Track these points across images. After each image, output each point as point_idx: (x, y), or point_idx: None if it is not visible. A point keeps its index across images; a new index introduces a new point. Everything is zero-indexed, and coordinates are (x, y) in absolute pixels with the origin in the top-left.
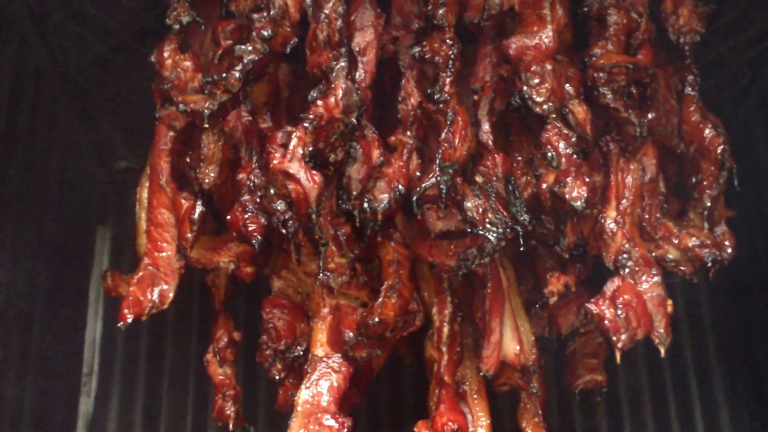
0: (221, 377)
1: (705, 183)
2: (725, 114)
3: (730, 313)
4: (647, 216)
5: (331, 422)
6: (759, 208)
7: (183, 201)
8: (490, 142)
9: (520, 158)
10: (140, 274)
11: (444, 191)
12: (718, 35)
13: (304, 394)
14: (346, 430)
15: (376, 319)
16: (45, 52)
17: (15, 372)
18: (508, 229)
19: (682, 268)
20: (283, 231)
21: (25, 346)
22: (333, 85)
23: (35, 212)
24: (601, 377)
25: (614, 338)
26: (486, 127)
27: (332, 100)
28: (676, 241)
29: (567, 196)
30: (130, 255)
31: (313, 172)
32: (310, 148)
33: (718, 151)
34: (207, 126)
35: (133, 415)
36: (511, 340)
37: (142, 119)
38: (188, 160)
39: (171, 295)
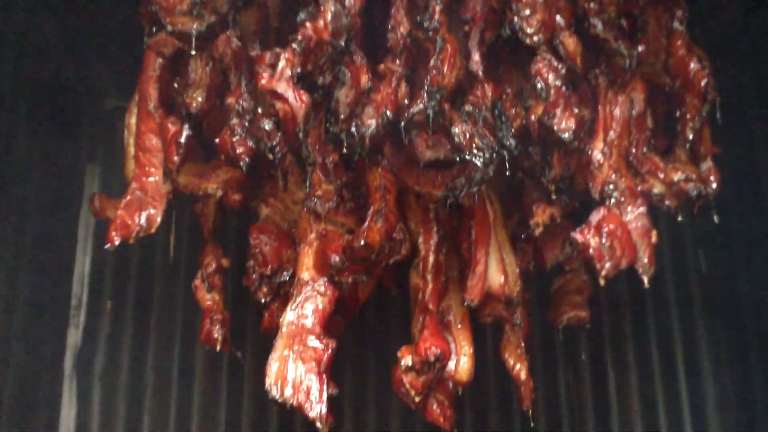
0: (209, 302)
1: (688, 116)
2: (714, 64)
3: (715, 255)
4: (634, 150)
5: (316, 343)
6: (747, 156)
7: (170, 125)
8: (480, 72)
9: (509, 90)
10: (128, 198)
11: (432, 116)
12: None
13: (289, 316)
14: (330, 351)
15: (362, 243)
16: None
17: (3, 305)
18: (494, 154)
19: (667, 202)
20: (271, 157)
21: (14, 279)
22: (322, 8)
23: (23, 150)
24: (584, 313)
25: (598, 266)
26: (476, 57)
27: (321, 22)
28: (661, 176)
29: (555, 128)
30: (120, 193)
31: (301, 91)
32: (299, 70)
33: (702, 84)
34: (195, 52)
35: (121, 347)
36: (496, 272)
37: (132, 57)
38: (176, 86)
39: (158, 219)
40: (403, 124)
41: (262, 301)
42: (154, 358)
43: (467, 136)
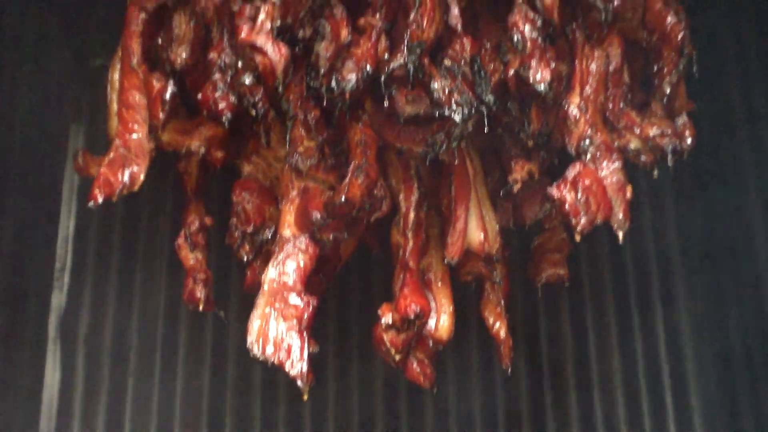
0: (192, 262)
1: (665, 70)
2: (692, 19)
3: (694, 212)
4: (611, 105)
5: (297, 300)
6: (723, 115)
7: (155, 82)
8: (459, 27)
9: (489, 44)
10: (111, 155)
11: (411, 71)
12: None
13: (270, 273)
14: (311, 308)
15: (343, 199)
16: None
17: None
18: (473, 110)
19: (642, 157)
20: (253, 112)
21: None
22: None
23: (7, 110)
24: (563, 271)
25: (574, 222)
26: (455, 11)
27: None
28: (637, 131)
29: (531, 79)
30: (107, 141)
31: (281, 44)
32: (278, 23)
33: (679, 38)
34: (177, 6)
35: (105, 309)
36: (476, 229)
37: (117, 15)
38: (160, 41)
39: (142, 177)
40: (383, 78)
41: (245, 259)
42: (138, 321)
43: (446, 91)
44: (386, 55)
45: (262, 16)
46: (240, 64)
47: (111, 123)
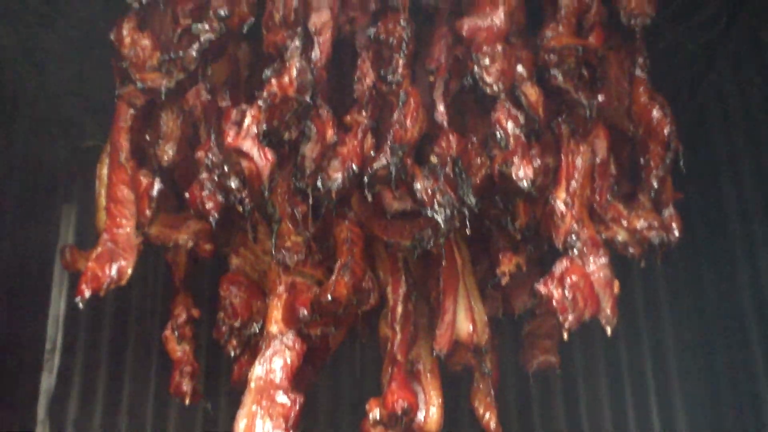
0: (179, 354)
1: (652, 164)
2: (681, 98)
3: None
4: (598, 197)
5: (283, 398)
6: (712, 190)
7: (142, 178)
8: (445, 123)
9: (475, 139)
10: (99, 249)
11: (394, 173)
12: (672, 19)
13: (257, 371)
14: (297, 406)
15: (329, 297)
16: (10, 31)
17: None
18: (455, 211)
19: (630, 250)
20: (240, 209)
21: None
22: (287, 64)
23: (0, 191)
24: (554, 358)
25: (561, 318)
26: (441, 107)
27: (286, 78)
28: (625, 223)
29: (513, 176)
30: (96, 234)
31: (266, 149)
32: (264, 127)
33: (665, 132)
34: (166, 104)
35: (95, 392)
36: (464, 320)
37: (107, 97)
38: (148, 137)
39: (129, 271)
40: (366, 179)
41: (232, 354)
42: (127, 404)
43: (429, 192)
44: (372, 152)
45: (248, 121)
46: (226, 167)
47: (99, 217)
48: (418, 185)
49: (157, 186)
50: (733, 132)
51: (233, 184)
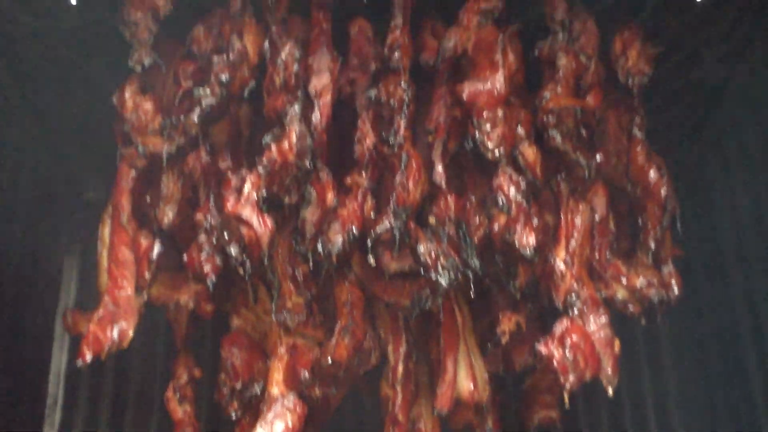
0: (180, 414)
1: (650, 224)
2: (680, 148)
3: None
4: (597, 255)
5: None
6: (714, 243)
7: (142, 240)
8: (444, 184)
9: (473, 198)
10: (100, 312)
11: (398, 236)
12: (670, 72)
13: None
14: None
15: (330, 360)
16: (16, 90)
17: None
18: (459, 274)
19: (631, 308)
20: (240, 271)
21: None
22: (287, 129)
23: (2, 242)
24: (555, 414)
25: (562, 379)
26: (439, 168)
27: (286, 144)
28: (624, 281)
29: (516, 244)
30: (97, 293)
31: (266, 216)
32: (264, 192)
33: (662, 194)
34: (167, 166)
35: None
36: (465, 378)
37: (109, 152)
38: (149, 199)
39: (130, 333)
40: (369, 243)
41: (233, 416)
42: None
43: (432, 255)
44: (372, 214)
45: (248, 187)
46: (226, 234)
47: (101, 278)
48: (421, 248)
49: (156, 248)
50: (731, 180)
51: (233, 250)
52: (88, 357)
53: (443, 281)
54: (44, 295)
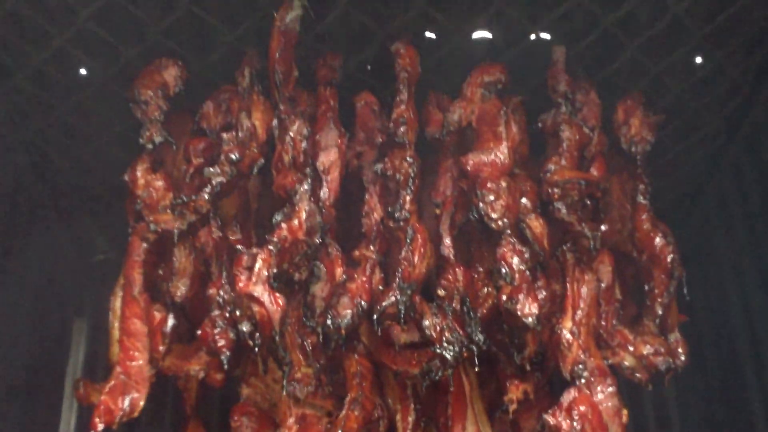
0: None
1: (656, 291)
2: (683, 209)
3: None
4: (604, 323)
5: None
6: (718, 302)
7: (156, 313)
8: (452, 256)
9: (481, 269)
10: (112, 382)
11: (403, 311)
12: (672, 136)
13: None
14: None
15: None
16: (26, 157)
17: None
18: (464, 348)
19: (637, 375)
20: (251, 344)
21: None
22: (297, 208)
23: (12, 304)
24: None
25: None
26: (447, 240)
27: (296, 222)
28: (631, 349)
29: (519, 313)
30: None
31: (277, 295)
32: (275, 270)
33: (668, 260)
34: (178, 241)
35: None
36: None
37: (120, 215)
38: (161, 272)
39: (142, 403)
40: (375, 317)
41: None
42: None
43: (437, 329)
44: (381, 287)
45: (258, 265)
46: (238, 312)
47: (112, 349)
48: (426, 322)
49: (170, 322)
50: (735, 240)
51: (245, 328)
52: (100, 427)
53: (448, 355)
54: (54, 357)
